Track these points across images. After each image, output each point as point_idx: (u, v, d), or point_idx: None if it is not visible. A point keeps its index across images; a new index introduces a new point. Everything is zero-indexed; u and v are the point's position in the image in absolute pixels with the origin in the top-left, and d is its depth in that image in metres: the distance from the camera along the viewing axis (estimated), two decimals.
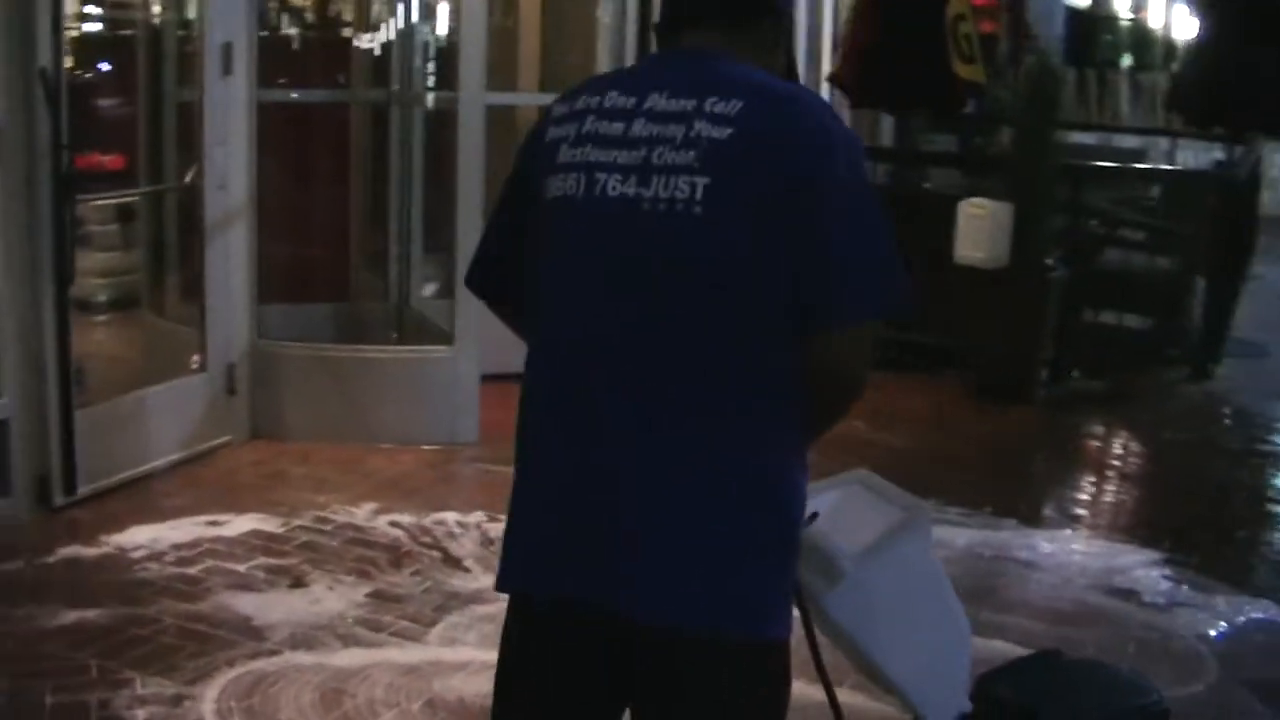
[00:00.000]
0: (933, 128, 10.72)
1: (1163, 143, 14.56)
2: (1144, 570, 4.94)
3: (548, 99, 2.47)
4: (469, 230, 5.96)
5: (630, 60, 7.40)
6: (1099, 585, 4.78)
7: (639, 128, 1.96)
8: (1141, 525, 5.47)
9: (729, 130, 1.90)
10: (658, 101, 1.97)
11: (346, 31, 7.83)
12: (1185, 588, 4.78)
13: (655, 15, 2.16)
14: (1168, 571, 4.93)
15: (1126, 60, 20.98)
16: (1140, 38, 21.59)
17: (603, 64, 8.14)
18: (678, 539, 1.87)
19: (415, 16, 7.00)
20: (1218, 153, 13.63)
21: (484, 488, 5.53)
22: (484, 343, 6.00)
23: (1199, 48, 9.57)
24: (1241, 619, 4.53)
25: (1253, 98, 8.71)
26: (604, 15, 8.08)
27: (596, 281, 1.96)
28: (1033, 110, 7.49)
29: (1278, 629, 4.47)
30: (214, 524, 5.05)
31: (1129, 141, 14.17)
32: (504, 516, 2.06)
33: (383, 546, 4.91)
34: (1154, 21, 21.99)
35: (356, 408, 6.06)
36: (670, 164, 1.91)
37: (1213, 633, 4.42)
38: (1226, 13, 9.12)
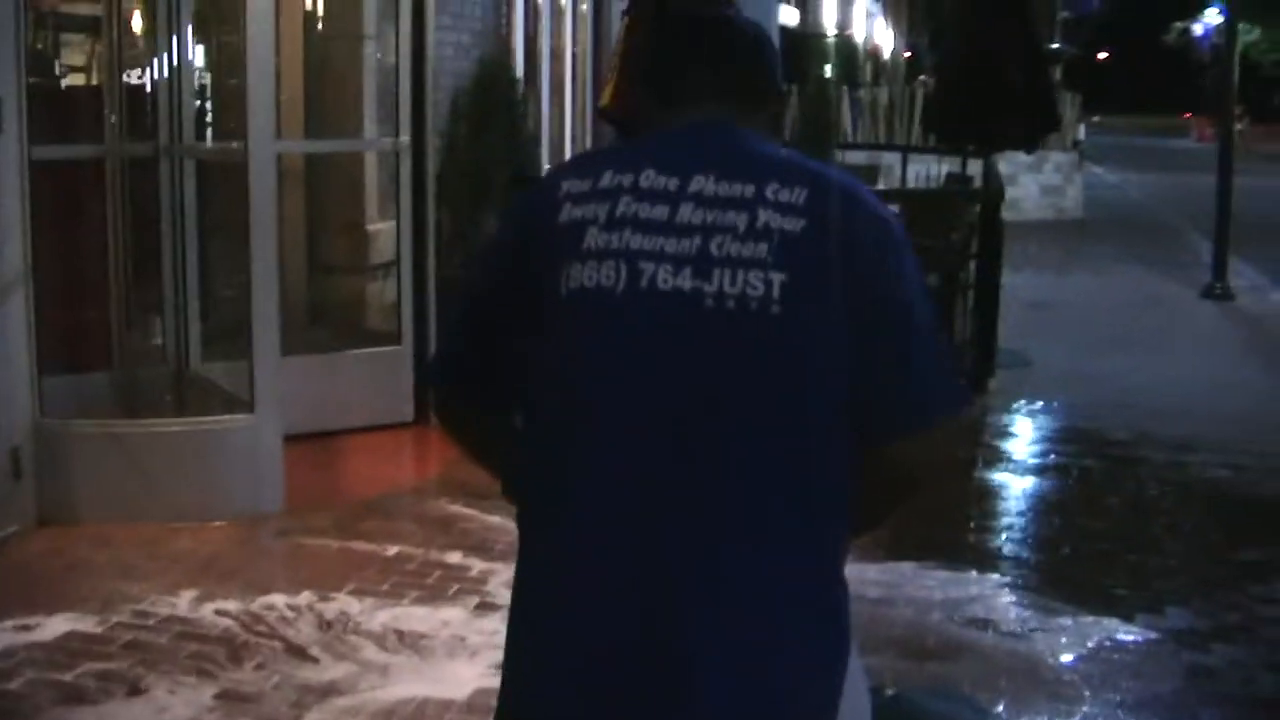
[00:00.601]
0: None
1: (886, 157, 15.28)
2: (992, 597, 5.12)
3: (341, 144, 2.39)
4: (265, 288, 5.73)
5: (406, 102, 7.27)
6: (955, 617, 4.93)
7: (688, 213, 1.84)
8: (970, 550, 5.67)
9: (801, 222, 1.81)
10: (706, 185, 1.85)
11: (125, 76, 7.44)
12: (1033, 612, 4.98)
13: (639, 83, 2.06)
14: (1013, 597, 5.12)
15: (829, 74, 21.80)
16: (848, 55, 22.49)
17: (371, 107, 7.97)
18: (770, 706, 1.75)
19: (182, 58, 6.69)
20: (947, 166, 14.31)
21: (303, 563, 5.33)
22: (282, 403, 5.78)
23: (942, 71, 10.04)
24: (1094, 640, 4.74)
25: (997, 116, 9.20)
26: (372, 54, 7.91)
27: (648, 394, 1.79)
28: (810, 132, 7.70)
29: (1131, 646, 4.70)
30: (23, 628, 4.70)
31: (856, 157, 14.77)
32: (334, 595, 1.97)
33: (216, 640, 4.66)
34: (858, 37, 22.95)
35: (152, 484, 5.75)
36: (736, 256, 1.80)
37: (1073, 657, 4.62)
38: (958, 40, 9.62)
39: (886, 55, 32.55)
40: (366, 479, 6.54)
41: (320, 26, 8.24)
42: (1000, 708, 4.21)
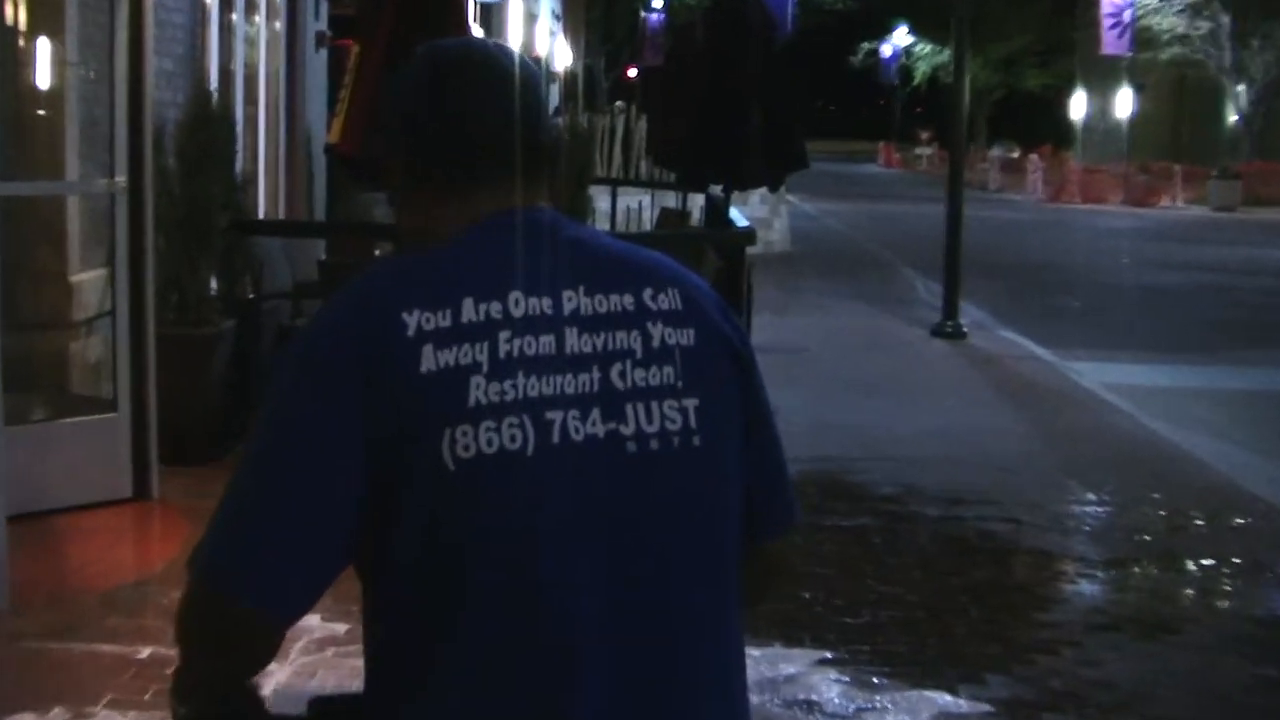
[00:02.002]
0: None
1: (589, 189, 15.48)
2: (807, 674, 5.21)
3: (48, 187, 2.07)
4: None
5: (122, 138, 6.94)
6: (776, 697, 4.99)
7: (575, 340, 1.70)
8: (770, 623, 5.76)
9: (692, 331, 1.76)
10: (579, 301, 1.72)
11: None
12: (856, 689, 5.09)
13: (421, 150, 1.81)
14: (833, 673, 5.22)
15: None
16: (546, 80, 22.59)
17: (74, 145, 7.59)
18: None
19: None
20: (670, 201, 14.60)
21: (48, 673, 4.99)
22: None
23: (676, 103, 10.24)
24: (925, 716, 4.88)
25: (743, 153, 9.46)
26: (75, 84, 7.53)
27: (585, 569, 1.66)
28: (570, 173, 7.74)
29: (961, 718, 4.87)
30: None
31: None
32: (91, 710, 1.77)
33: None
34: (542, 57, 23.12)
35: None
36: (644, 386, 1.71)
37: None
38: (694, 73, 9.84)
39: (563, 75, 32.97)
40: (97, 567, 6.19)
41: (15, 49, 7.80)
42: None
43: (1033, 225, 31.11)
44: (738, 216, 10.59)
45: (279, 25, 11.82)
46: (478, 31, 24.28)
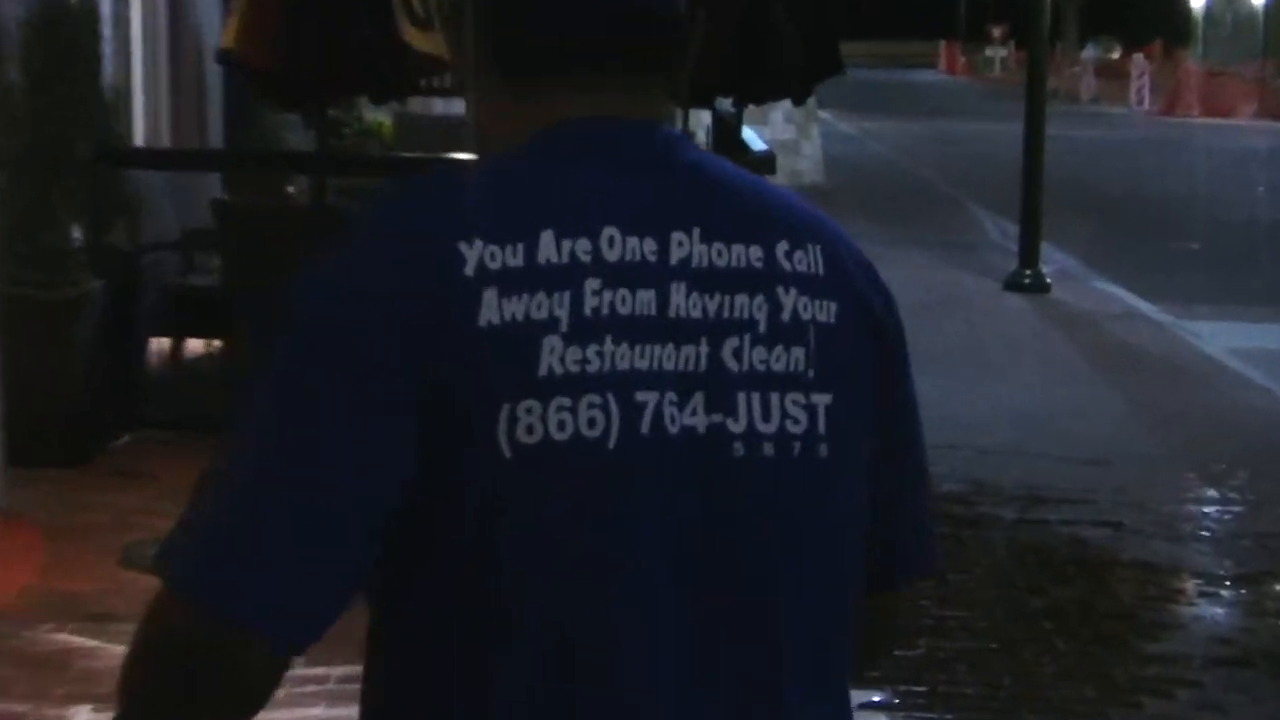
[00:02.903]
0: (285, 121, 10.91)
1: None
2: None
3: None
4: None
5: None
6: None
7: (680, 300, 1.64)
8: None
9: (834, 306, 1.71)
10: (693, 248, 1.66)
11: None
12: None
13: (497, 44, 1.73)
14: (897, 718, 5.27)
15: None
16: None
17: None
18: None
19: None
20: None
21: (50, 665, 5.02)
22: None
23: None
24: None
25: (745, 57, 9.45)
26: None
27: (659, 611, 1.63)
28: None
29: None
30: None
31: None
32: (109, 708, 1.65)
33: None
34: None
35: None
36: (764, 372, 1.66)
37: None
38: None
39: None
40: None
41: None
42: None
43: (1137, 146, 31.14)
44: (753, 139, 10.58)
45: None
46: None
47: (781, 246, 1.69)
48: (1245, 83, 41.90)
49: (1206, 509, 7.81)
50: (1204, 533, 7.49)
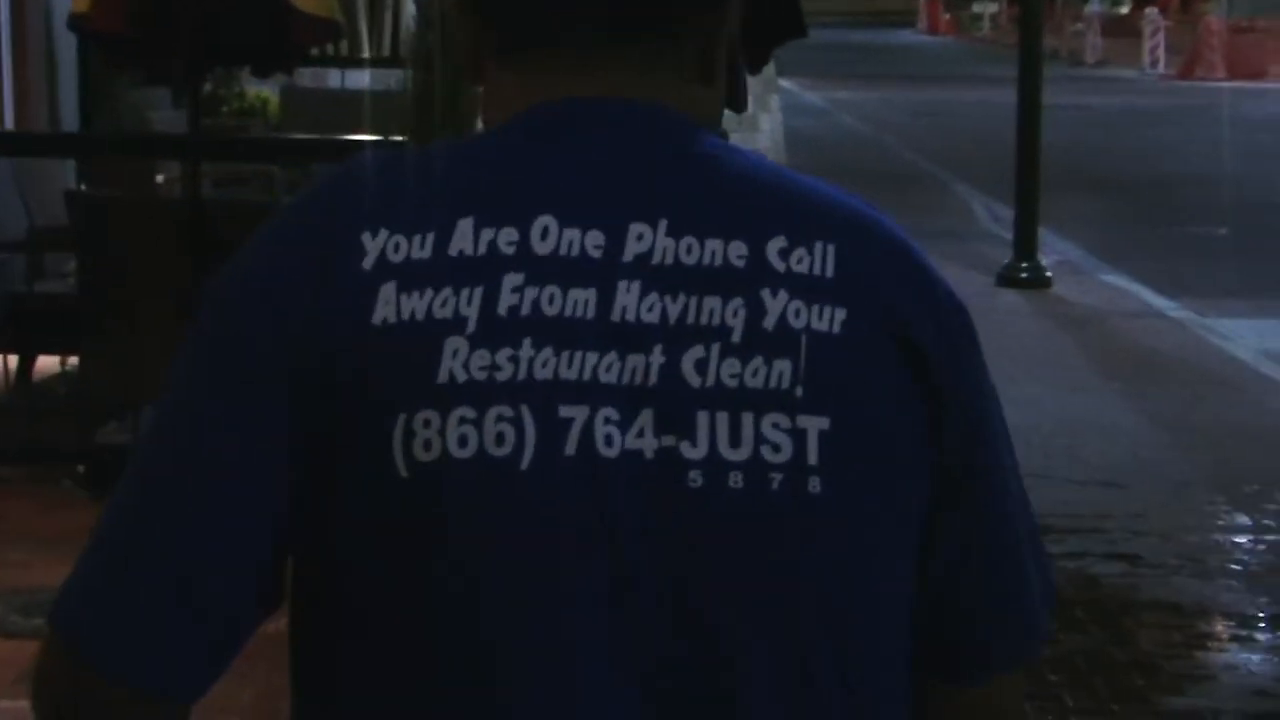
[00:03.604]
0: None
1: None
2: None
3: None
4: None
5: None
6: None
7: (628, 300, 1.62)
8: None
9: (841, 313, 1.64)
10: (655, 241, 1.64)
11: None
12: None
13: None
14: None
15: None
16: None
17: None
18: None
19: None
20: None
21: None
22: None
23: None
24: None
25: None
26: None
27: (590, 656, 1.60)
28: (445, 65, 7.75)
29: None
30: None
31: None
32: None
33: None
34: None
35: None
36: (733, 387, 1.61)
37: None
38: None
39: None
40: None
41: None
42: None
43: (1151, 115, 31.30)
44: None
45: None
46: None
47: (776, 243, 1.65)
48: (1277, 40, 42.14)
49: (1238, 539, 7.86)
50: (1235, 566, 7.53)
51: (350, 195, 1.65)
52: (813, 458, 1.60)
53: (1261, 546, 7.76)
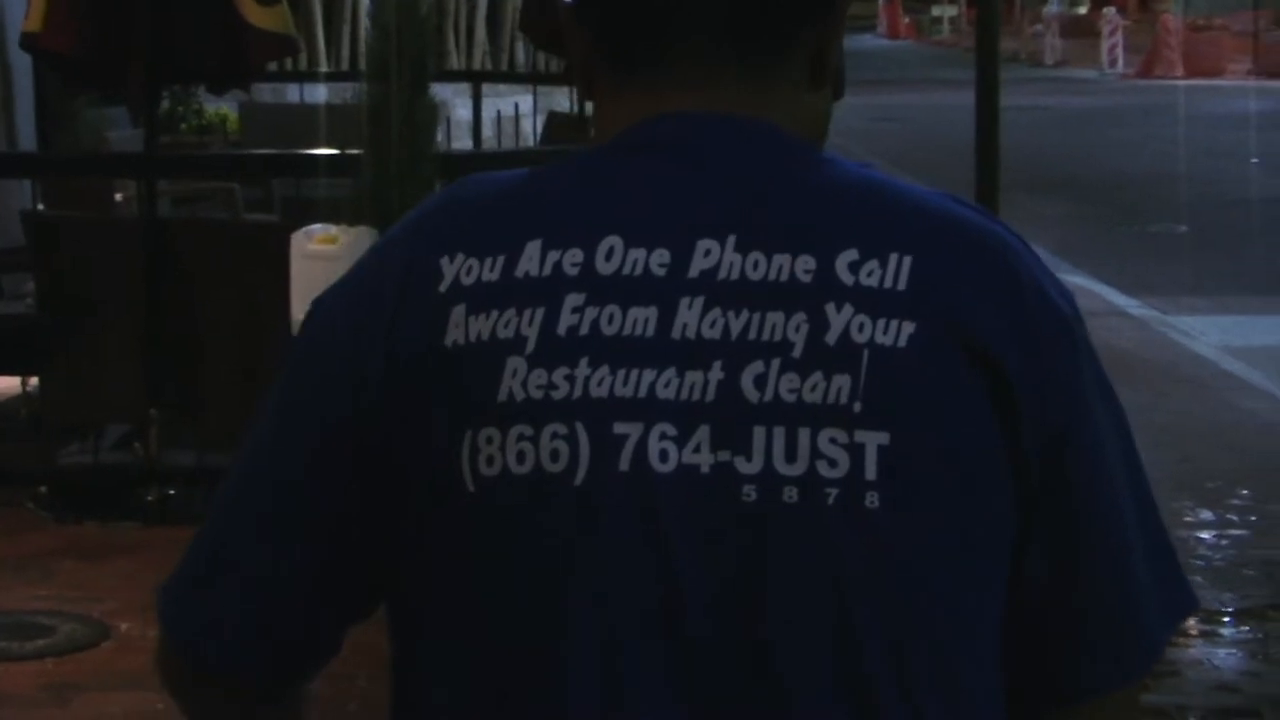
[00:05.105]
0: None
1: (438, 90, 15.49)
2: None
3: None
4: None
5: None
6: None
7: (693, 318, 1.62)
8: None
9: (910, 327, 1.62)
10: (721, 258, 1.64)
11: None
12: None
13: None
14: None
15: None
16: None
17: None
18: None
19: None
20: (561, 103, 14.67)
21: None
22: None
23: None
24: None
25: None
26: None
27: (641, 667, 1.62)
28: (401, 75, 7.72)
29: None
30: None
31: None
32: None
33: None
34: None
35: None
36: (793, 402, 1.60)
37: None
38: None
39: None
40: None
41: None
42: None
43: (1111, 114, 31.37)
44: None
45: None
46: None
47: (846, 256, 1.64)
48: (1234, 38, 42.27)
49: (1202, 534, 7.89)
50: (1199, 562, 7.53)
51: (435, 220, 1.72)
52: (871, 473, 1.59)
53: (1225, 542, 7.79)
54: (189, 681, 1.81)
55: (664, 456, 1.60)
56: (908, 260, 1.64)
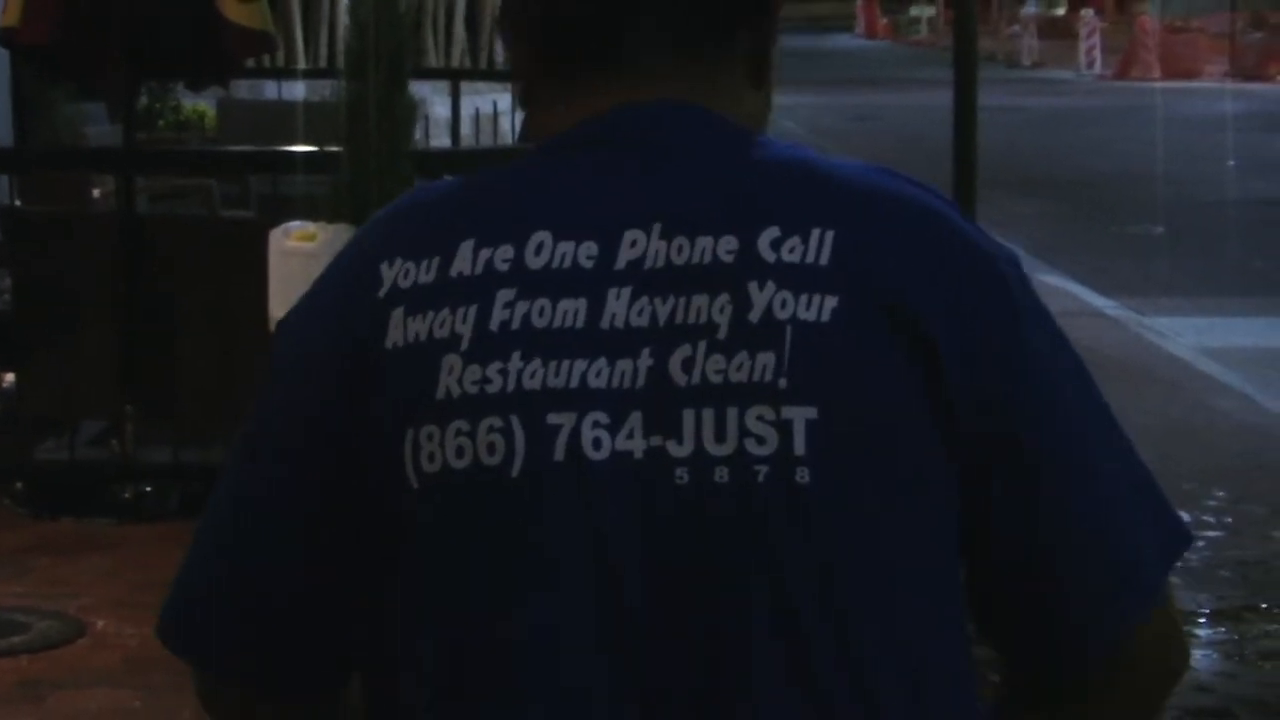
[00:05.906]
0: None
1: (418, 88, 15.47)
2: None
3: None
4: None
5: None
6: None
7: (618, 307, 1.65)
8: None
9: (832, 301, 1.63)
10: (648, 246, 1.67)
11: None
12: None
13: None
14: None
15: None
16: None
17: None
18: None
19: None
20: None
21: None
22: None
23: None
24: None
25: None
26: None
27: (581, 663, 1.64)
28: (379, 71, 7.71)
29: None
30: None
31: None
32: None
33: None
34: None
35: None
36: (718, 383, 1.62)
37: None
38: None
39: None
40: None
41: None
42: None
43: (1088, 115, 31.41)
44: None
45: None
46: None
47: (768, 234, 1.66)
48: (1211, 39, 42.28)
49: None
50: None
51: (380, 229, 1.77)
52: (800, 448, 1.61)
53: (1201, 543, 7.78)
54: (222, 703, 1.86)
55: (598, 444, 1.63)
56: (830, 235, 1.65)
